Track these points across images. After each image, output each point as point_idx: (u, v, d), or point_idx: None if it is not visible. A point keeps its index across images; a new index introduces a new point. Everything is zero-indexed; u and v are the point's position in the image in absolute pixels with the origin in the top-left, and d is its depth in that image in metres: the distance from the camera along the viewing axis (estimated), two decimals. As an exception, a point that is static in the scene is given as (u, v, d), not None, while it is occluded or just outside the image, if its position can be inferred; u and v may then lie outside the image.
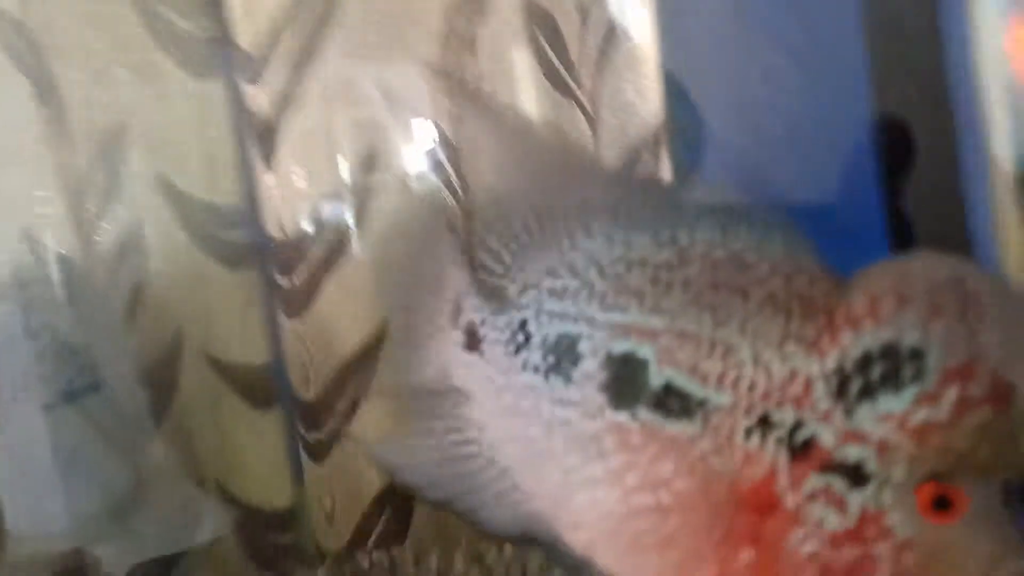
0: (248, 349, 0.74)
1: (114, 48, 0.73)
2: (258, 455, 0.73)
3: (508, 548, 0.72)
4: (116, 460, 0.63)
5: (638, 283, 0.28)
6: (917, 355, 0.24)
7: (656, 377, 0.27)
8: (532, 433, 0.30)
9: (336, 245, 0.71)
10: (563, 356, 0.29)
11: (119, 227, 0.72)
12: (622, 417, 0.28)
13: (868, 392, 0.25)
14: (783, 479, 0.25)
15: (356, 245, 0.71)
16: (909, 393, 0.24)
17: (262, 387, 0.74)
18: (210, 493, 0.70)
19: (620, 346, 0.28)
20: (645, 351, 0.28)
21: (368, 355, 0.72)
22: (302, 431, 0.71)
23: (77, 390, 0.63)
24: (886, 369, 0.24)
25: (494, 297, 0.32)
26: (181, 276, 0.74)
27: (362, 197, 0.71)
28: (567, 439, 0.29)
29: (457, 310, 0.33)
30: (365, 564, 0.75)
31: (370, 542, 0.74)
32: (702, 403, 0.27)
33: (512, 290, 0.31)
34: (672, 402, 0.27)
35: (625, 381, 0.28)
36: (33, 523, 0.59)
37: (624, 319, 0.28)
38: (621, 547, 0.28)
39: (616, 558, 0.28)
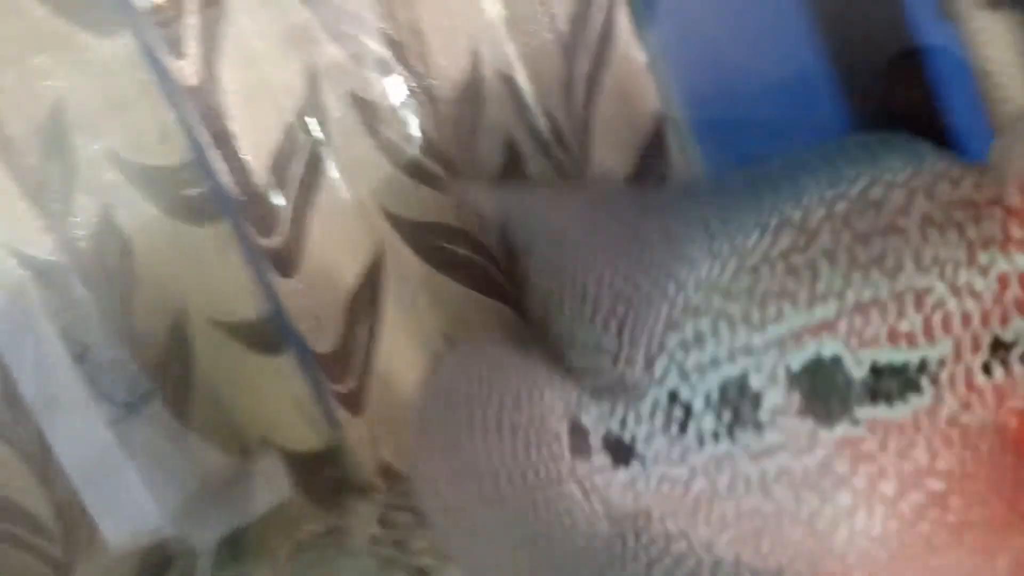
0: (246, 302, 0.75)
1: (22, 37, 0.69)
2: (288, 399, 0.75)
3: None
4: (184, 451, 0.66)
5: (777, 283, 0.24)
6: None
7: (856, 367, 0.24)
8: (749, 505, 0.25)
9: (307, 196, 0.71)
10: (738, 404, 0.25)
11: (90, 216, 0.71)
12: (842, 430, 0.24)
13: None
14: None
15: (327, 191, 0.71)
16: None
17: (269, 335, 0.75)
18: (261, 452, 0.72)
19: (798, 357, 0.24)
20: (829, 347, 0.24)
21: (371, 287, 0.74)
22: (330, 384, 0.72)
23: (135, 401, 0.64)
24: None
25: (616, 391, 0.26)
26: (163, 247, 0.73)
27: (324, 139, 0.71)
28: (793, 488, 0.25)
29: (577, 433, 0.27)
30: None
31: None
32: (922, 366, 0.23)
33: (635, 371, 0.26)
34: (888, 384, 0.23)
35: (823, 391, 0.24)
36: (128, 529, 0.63)
37: (785, 327, 0.24)
38: (915, 561, 0.24)
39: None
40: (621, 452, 0.26)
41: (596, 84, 0.84)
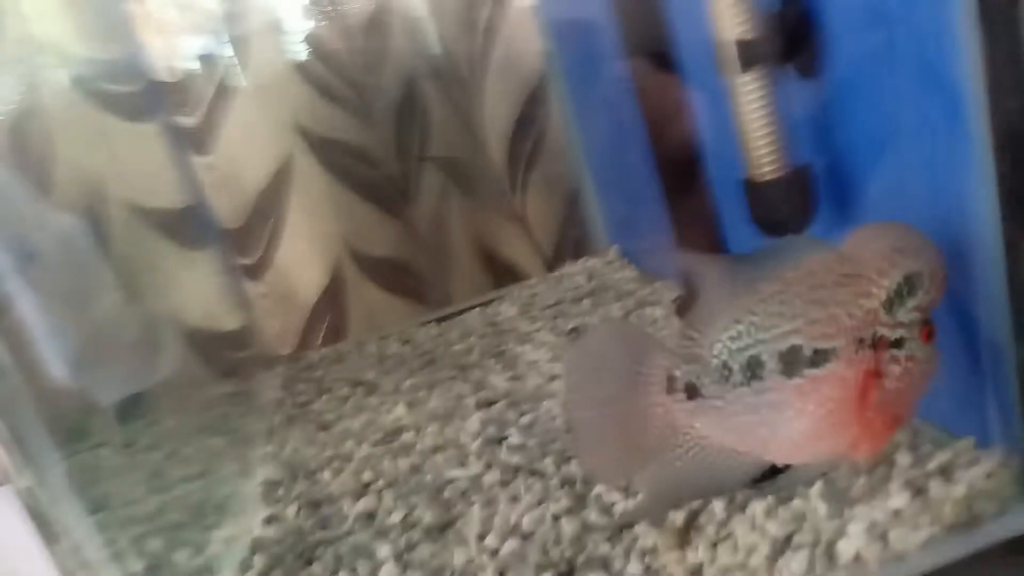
0: (166, 194, 0.81)
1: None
2: (202, 287, 0.81)
3: (432, 328, 0.87)
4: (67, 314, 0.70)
5: (774, 308, 0.49)
6: (918, 279, 0.47)
7: (807, 350, 0.47)
8: (746, 418, 0.49)
9: (225, 80, 0.78)
10: (755, 368, 0.48)
11: (15, 95, 0.75)
12: (795, 380, 0.48)
13: (901, 301, 0.48)
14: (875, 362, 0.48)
15: (244, 78, 0.79)
16: (918, 295, 0.48)
17: (188, 227, 0.81)
18: (166, 327, 0.78)
19: (782, 344, 0.48)
20: (797, 339, 0.48)
21: (278, 186, 0.81)
22: (238, 257, 0.80)
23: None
24: (908, 288, 0.47)
25: (696, 359, 0.49)
26: (85, 134, 0.78)
27: (242, 30, 0.78)
28: (768, 408, 0.48)
29: (671, 380, 0.50)
30: (316, 358, 0.88)
31: (318, 341, 0.86)
32: (831, 351, 0.47)
33: (705, 351, 0.49)
34: (818, 358, 0.47)
35: (792, 362, 0.48)
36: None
37: (778, 330, 0.48)
38: (817, 441, 0.48)
39: (815, 448, 0.49)
40: (693, 391, 0.49)
41: (493, 33, 0.94)
